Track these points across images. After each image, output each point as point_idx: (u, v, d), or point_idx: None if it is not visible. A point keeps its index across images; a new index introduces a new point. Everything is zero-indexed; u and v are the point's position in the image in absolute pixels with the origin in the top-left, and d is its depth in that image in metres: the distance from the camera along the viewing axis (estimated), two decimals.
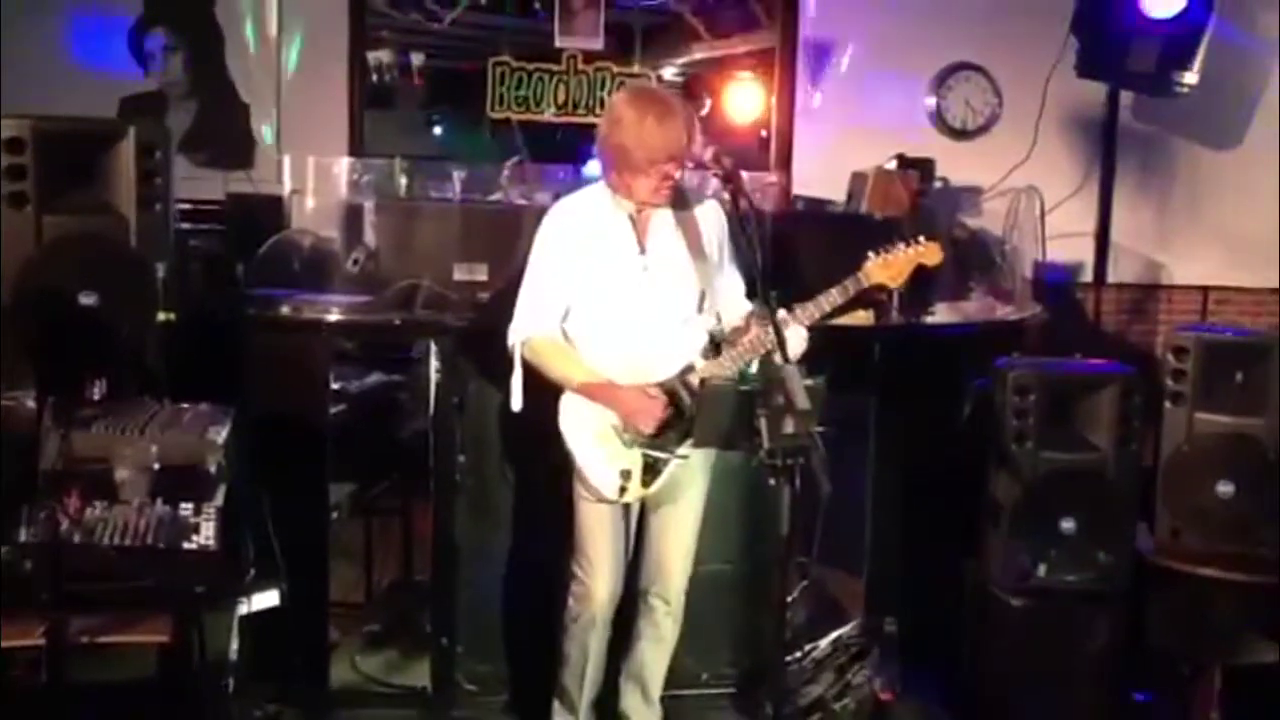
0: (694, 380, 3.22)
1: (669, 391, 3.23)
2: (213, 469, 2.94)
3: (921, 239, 3.39)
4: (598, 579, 3.34)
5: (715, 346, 3.27)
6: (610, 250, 3.25)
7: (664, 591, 3.45)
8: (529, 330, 3.27)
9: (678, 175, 3.19)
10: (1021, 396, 3.68)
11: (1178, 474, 3.81)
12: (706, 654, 3.90)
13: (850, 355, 3.90)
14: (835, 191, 4.81)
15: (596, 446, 3.25)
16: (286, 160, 4.40)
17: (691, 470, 3.34)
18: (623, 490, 3.27)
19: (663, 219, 3.29)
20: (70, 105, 4.05)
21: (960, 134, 5.47)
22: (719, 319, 3.31)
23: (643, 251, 3.27)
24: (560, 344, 3.28)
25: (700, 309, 3.31)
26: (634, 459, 3.25)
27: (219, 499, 2.93)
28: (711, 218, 3.35)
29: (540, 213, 3.37)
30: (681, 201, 3.31)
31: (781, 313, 3.13)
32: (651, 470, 3.26)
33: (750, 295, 3.37)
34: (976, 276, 4.77)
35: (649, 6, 5.59)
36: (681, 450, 3.25)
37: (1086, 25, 4.97)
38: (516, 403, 3.31)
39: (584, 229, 3.27)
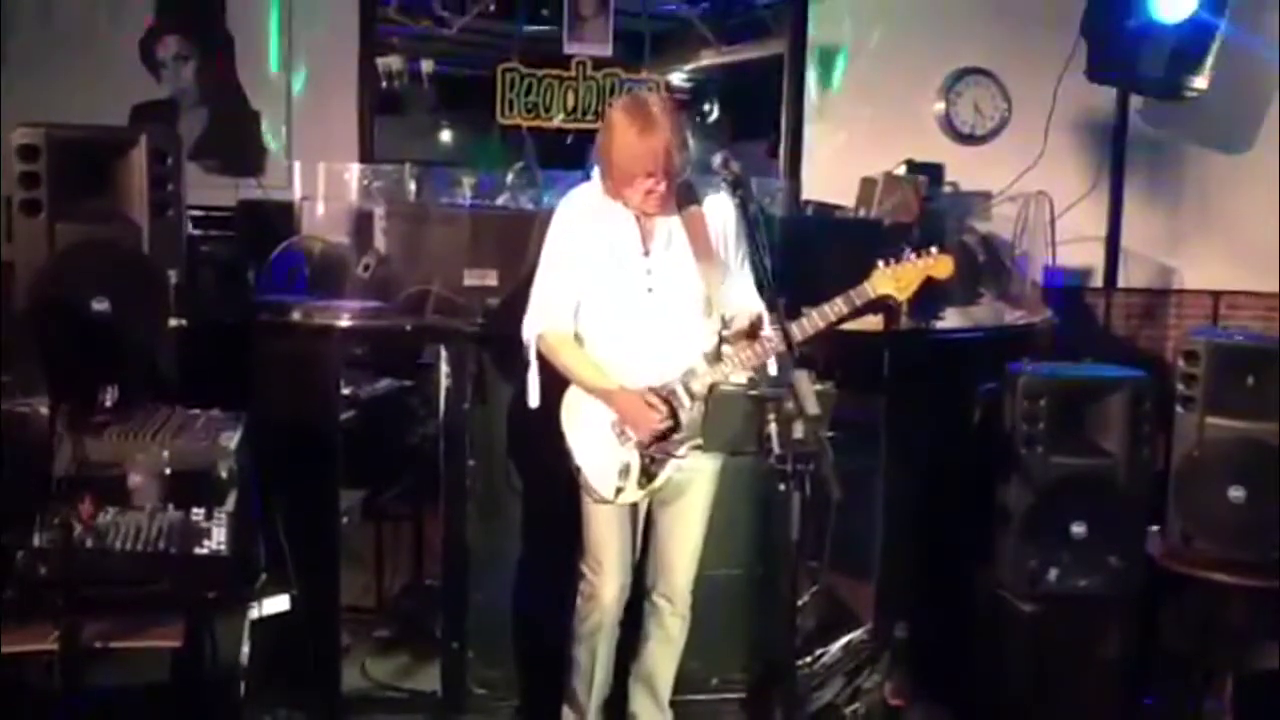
0: (695, 385, 3.21)
1: (667, 396, 3.22)
2: (224, 474, 2.95)
3: (933, 250, 3.29)
4: (605, 579, 3.35)
5: (719, 351, 3.24)
6: (615, 249, 3.24)
7: (669, 592, 3.46)
8: (542, 324, 3.27)
9: (661, 189, 3.13)
10: (1032, 401, 3.68)
11: (1189, 479, 3.81)
12: (717, 659, 3.89)
13: (860, 360, 3.90)
14: (844, 197, 4.81)
15: (595, 446, 3.26)
16: (297, 166, 4.41)
17: (697, 472, 3.34)
18: (619, 491, 3.27)
19: (668, 220, 3.26)
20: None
21: (969, 139, 5.45)
22: (724, 323, 3.26)
23: (647, 254, 3.26)
24: (572, 344, 3.27)
25: (707, 313, 3.28)
26: (632, 459, 3.25)
27: (230, 504, 2.94)
28: (718, 211, 3.29)
29: (550, 218, 3.37)
30: (689, 199, 3.27)
31: (766, 330, 3.13)
32: (648, 472, 3.26)
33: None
34: (986, 281, 4.76)
35: (658, 13, 5.61)
36: (679, 452, 3.25)
37: (1096, 29, 4.96)
38: (534, 399, 3.31)
39: (594, 219, 3.26)
